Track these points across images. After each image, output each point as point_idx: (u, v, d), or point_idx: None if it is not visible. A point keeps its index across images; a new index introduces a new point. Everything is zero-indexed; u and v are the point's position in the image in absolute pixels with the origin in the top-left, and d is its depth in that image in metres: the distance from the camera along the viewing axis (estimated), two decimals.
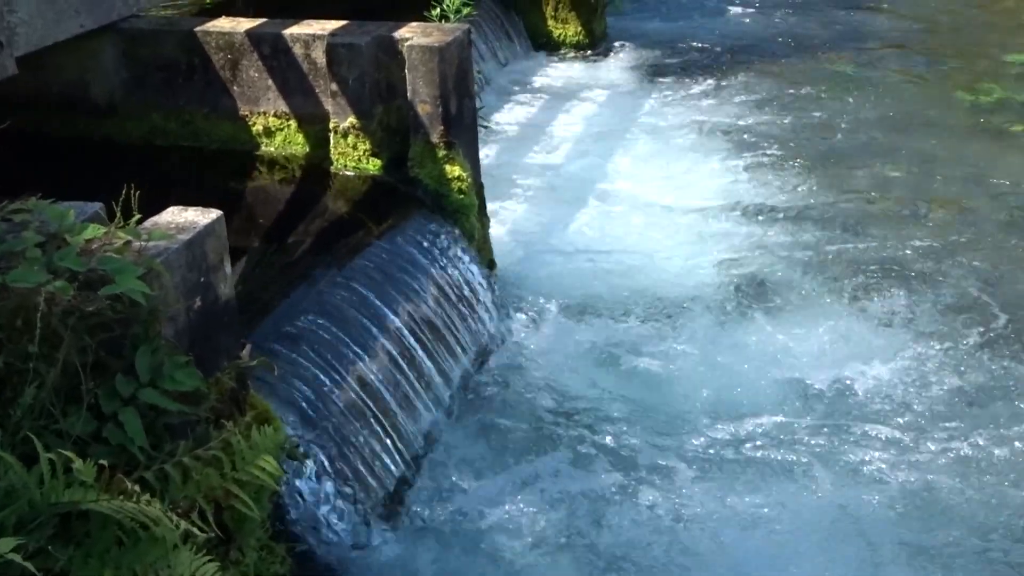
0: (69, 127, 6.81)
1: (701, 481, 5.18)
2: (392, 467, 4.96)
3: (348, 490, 4.56)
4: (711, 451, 5.39)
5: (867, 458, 5.30)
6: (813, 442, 5.43)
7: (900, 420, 5.57)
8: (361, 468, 4.72)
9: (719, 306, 6.71)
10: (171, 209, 3.74)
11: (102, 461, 2.82)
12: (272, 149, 6.64)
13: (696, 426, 5.58)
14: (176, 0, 8.76)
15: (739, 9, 13.24)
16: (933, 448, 5.37)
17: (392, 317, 5.44)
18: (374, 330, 5.26)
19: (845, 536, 4.84)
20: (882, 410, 5.66)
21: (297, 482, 4.31)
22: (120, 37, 6.62)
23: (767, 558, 4.71)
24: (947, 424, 5.54)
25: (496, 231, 7.11)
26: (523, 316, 6.55)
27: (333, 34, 6.31)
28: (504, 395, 5.81)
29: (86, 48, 6.55)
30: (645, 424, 5.60)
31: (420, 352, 5.54)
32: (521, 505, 4.96)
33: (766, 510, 4.97)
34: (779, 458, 5.32)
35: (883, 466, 5.25)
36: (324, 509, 4.44)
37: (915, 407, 5.67)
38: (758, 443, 5.43)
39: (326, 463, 4.51)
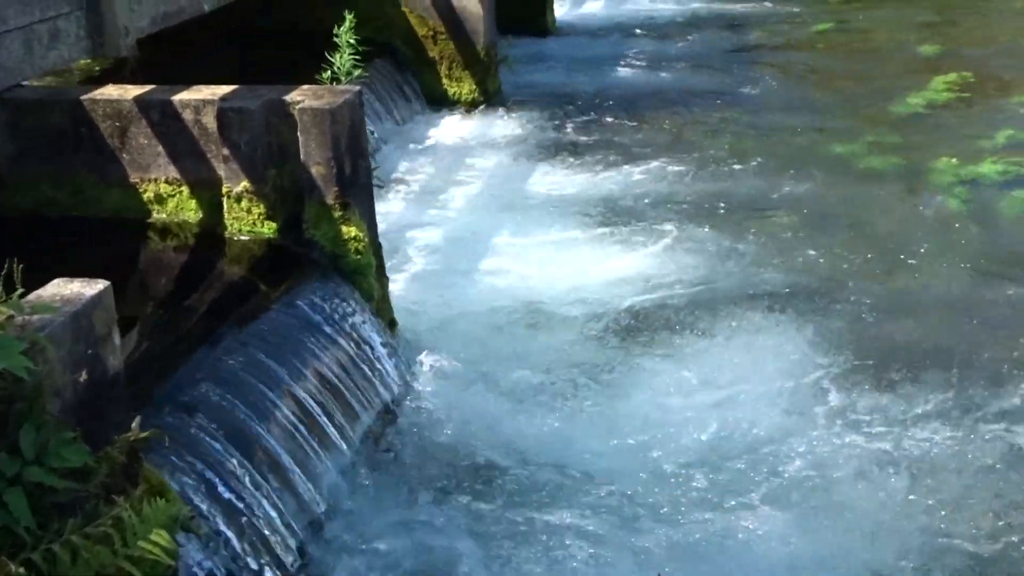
0: None
1: (613, 528, 5.20)
2: (292, 533, 4.90)
3: (248, 559, 4.49)
4: (617, 501, 5.43)
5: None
6: (735, 482, 5.54)
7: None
8: (261, 535, 4.65)
9: (625, 356, 6.79)
10: (56, 281, 3.69)
11: None
12: (164, 216, 6.57)
13: (600, 476, 5.62)
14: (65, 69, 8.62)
15: (630, 68, 13.56)
16: None
17: (290, 381, 5.40)
18: (272, 395, 5.21)
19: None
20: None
21: (194, 554, 4.23)
22: (4, 108, 6.51)
23: None
24: None
25: (396, 290, 7.11)
26: (425, 374, 6.53)
27: (224, 99, 6.31)
28: (407, 454, 5.79)
29: None
30: (551, 478, 5.61)
31: (321, 415, 5.50)
32: (423, 561, 4.93)
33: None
34: (704, 507, 5.36)
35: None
36: None
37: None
38: (673, 492, 5.47)
39: (225, 533, 4.43)
